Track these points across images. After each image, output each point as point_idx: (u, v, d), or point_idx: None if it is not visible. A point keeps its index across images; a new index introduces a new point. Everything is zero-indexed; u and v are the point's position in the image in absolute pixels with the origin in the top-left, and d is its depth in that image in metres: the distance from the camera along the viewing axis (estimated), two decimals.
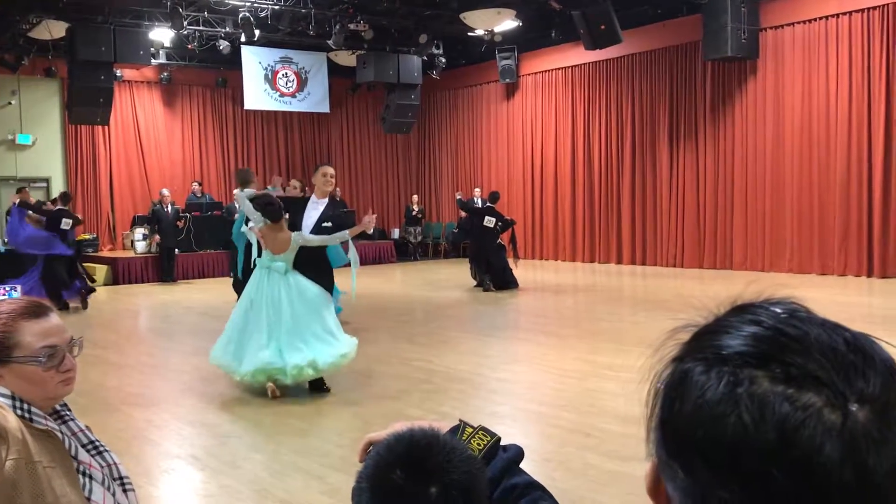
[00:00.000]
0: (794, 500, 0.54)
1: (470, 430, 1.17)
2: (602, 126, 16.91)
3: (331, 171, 6.97)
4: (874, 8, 12.58)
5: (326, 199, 6.89)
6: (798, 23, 13.53)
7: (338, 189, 19.15)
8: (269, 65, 17.85)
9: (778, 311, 0.61)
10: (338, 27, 14.76)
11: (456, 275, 14.73)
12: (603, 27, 13.15)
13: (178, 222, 15.10)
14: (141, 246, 15.79)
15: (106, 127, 16.70)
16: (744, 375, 0.57)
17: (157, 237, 15.02)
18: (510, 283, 12.58)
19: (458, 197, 14.37)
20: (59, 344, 1.66)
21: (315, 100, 18.69)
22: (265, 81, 17.87)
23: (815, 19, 13.33)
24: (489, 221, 12.63)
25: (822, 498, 0.54)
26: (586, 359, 7.41)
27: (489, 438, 1.16)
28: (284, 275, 6.30)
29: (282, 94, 18.15)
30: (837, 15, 13.04)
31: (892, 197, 12.52)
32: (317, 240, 6.45)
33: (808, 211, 13.41)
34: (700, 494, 0.58)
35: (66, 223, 11.84)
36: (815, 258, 13.33)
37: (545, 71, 17.99)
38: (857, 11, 12.78)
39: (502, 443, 1.17)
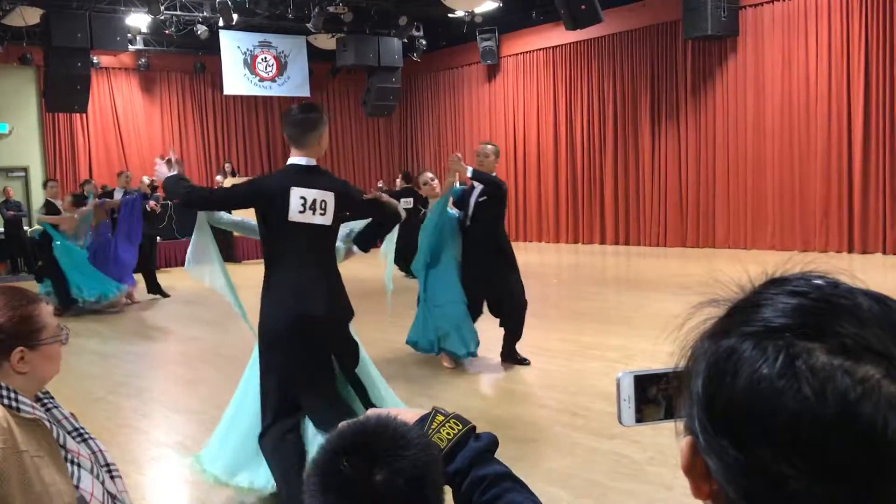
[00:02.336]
0: (857, 473, 0.53)
1: (441, 418, 1.14)
2: (584, 106, 16.91)
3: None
4: None
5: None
6: (777, 0, 13.56)
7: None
8: (247, 49, 17.69)
9: (820, 282, 0.61)
10: (317, 10, 14.64)
11: None
12: (583, 7, 13.11)
13: (149, 204, 14.89)
14: None
15: (84, 115, 16.52)
16: (799, 348, 0.56)
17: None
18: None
19: (380, 185, 14.59)
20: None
21: (295, 84, 18.56)
22: (244, 66, 17.71)
23: None
24: (406, 203, 12.53)
25: (884, 470, 0.53)
26: (571, 339, 7.45)
27: (460, 427, 1.13)
28: None
29: (261, 79, 18.00)
30: None
31: (872, 173, 12.62)
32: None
33: (790, 188, 13.49)
34: (756, 470, 0.56)
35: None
36: (797, 235, 13.43)
37: (526, 52, 17.94)
38: None
39: (490, 434, 1.16)
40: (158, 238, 15.03)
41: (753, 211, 14.04)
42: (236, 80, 17.69)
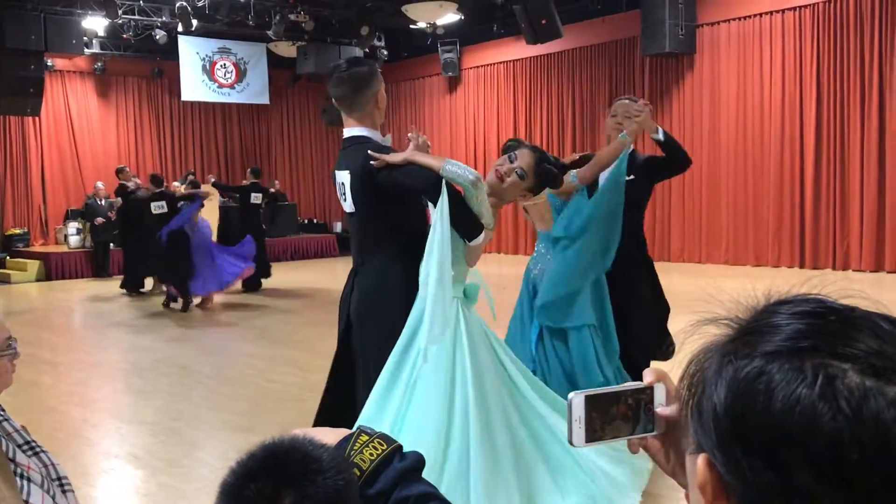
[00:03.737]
0: (883, 491, 0.55)
1: (365, 438, 1.11)
2: (543, 120, 17.06)
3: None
4: (805, 6, 12.94)
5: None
6: (733, 20, 13.84)
7: (276, 181, 18.93)
8: (206, 55, 17.51)
9: (833, 305, 0.62)
10: (278, 18, 14.56)
11: None
12: (544, 22, 13.24)
13: (110, 213, 14.65)
14: (74, 240, 15.36)
15: (37, 118, 16.18)
16: (835, 369, 0.57)
17: (105, 219, 14.65)
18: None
19: (213, 180, 14.51)
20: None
21: (254, 91, 18.42)
22: (203, 72, 17.53)
23: (749, 16, 13.65)
24: (256, 198, 12.59)
25: None
26: None
27: (384, 447, 1.10)
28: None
29: (220, 86, 17.83)
30: (771, 12, 13.37)
31: (823, 190, 12.91)
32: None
33: (743, 203, 13.74)
34: (793, 491, 0.57)
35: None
36: (750, 249, 13.67)
37: (487, 64, 18.05)
38: (789, 10, 13.13)
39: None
40: (112, 245, 14.81)
41: (708, 226, 14.27)
42: (195, 87, 17.49)
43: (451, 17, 15.14)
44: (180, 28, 14.76)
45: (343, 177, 3.07)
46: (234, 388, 6.50)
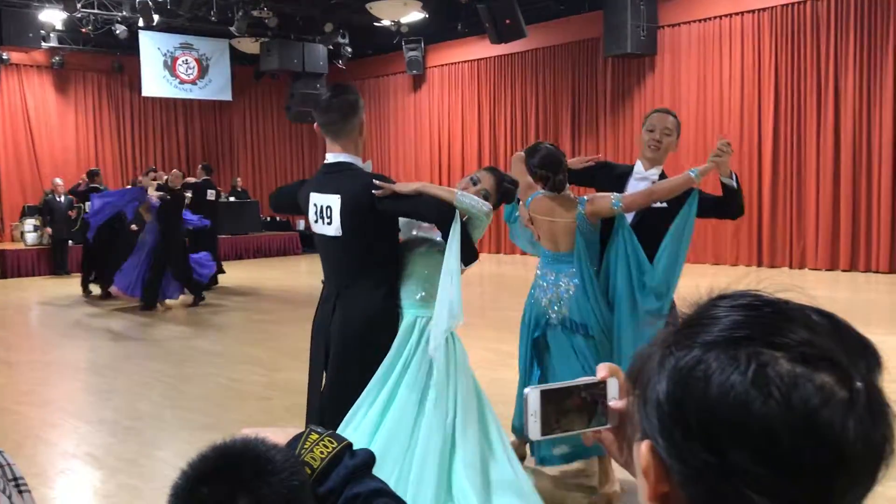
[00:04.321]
0: (821, 470, 0.59)
1: (315, 436, 1.11)
2: (507, 119, 17.14)
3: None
4: (764, 9, 13.17)
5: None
6: (694, 21, 14.04)
7: (238, 179, 18.77)
8: (168, 51, 17.30)
9: (771, 297, 0.66)
10: (240, 13, 14.43)
11: None
12: (508, 21, 13.31)
13: (71, 212, 14.44)
14: (31, 238, 15.08)
15: None
16: (767, 357, 0.60)
17: (49, 229, 14.37)
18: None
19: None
20: None
21: (217, 87, 18.24)
22: (164, 68, 17.32)
23: (709, 18, 13.85)
24: (210, 195, 12.44)
25: (841, 467, 0.59)
26: (493, 348, 7.51)
27: (335, 445, 1.10)
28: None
29: (182, 81, 17.63)
30: (730, 15, 13.59)
31: (780, 191, 13.16)
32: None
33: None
34: (727, 474, 0.60)
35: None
36: (709, 248, 13.88)
37: (452, 63, 18.08)
38: (748, 12, 13.35)
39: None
40: (70, 242, 14.56)
41: None
42: (156, 82, 17.27)
43: (415, 15, 15.14)
44: (141, 23, 14.56)
45: (329, 200, 3.08)
46: (195, 387, 6.44)
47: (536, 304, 3.90)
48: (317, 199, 3.14)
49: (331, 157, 3.15)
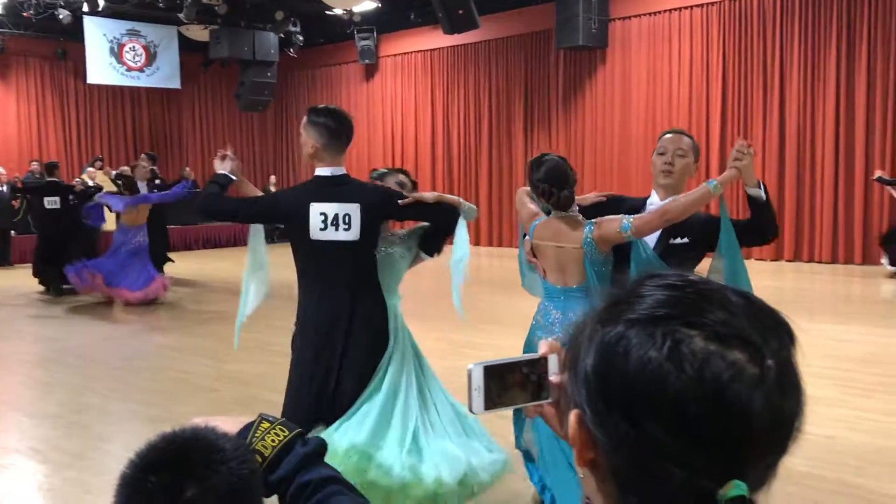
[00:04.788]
0: (729, 441, 0.63)
1: (266, 425, 1.11)
2: (461, 110, 17.15)
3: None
4: (712, 4, 13.39)
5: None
6: (644, 15, 14.20)
7: (187, 168, 18.49)
8: (114, 37, 16.92)
9: (693, 279, 0.69)
10: (189, 0, 14.17)
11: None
12: (461, 12, 13.29)
13: (14, 202, 14.06)
14: None
15: None
16: (682, 335, 0.64)
17: None
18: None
19: (114, 173, 12.77)
20: None
21: (165, 75, 17.91)
22: (110, 55, 16.94)
23: (659, 12, 14.04)
24: (52, 202, 10.99)
25: (749, 439, 0.63)
26: (447, 338, 7.54)
27: (286, 433, 1.10)
28: None
29: (129, 69, 17.27)
30: (679, 9, 13.78)
31: None
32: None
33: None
34: (642, 442, 0.64)
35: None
36: None
37: (405, 53, 18.01)
38: (696, 6, 13.56)
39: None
40: (13, 232, 14.19)
41: None
42: (101, 69, 16.89)
43: (367, 4, 15.05)
44: (86, 8, 14.22)
45: (347, 208, 3.33)
46: (144, 379, 6.34)
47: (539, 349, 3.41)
48: (327, 209, 3.34)
49: (329, 171, 3.40)
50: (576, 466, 0.72)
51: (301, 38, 17.50)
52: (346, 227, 3.34)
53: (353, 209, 3.34)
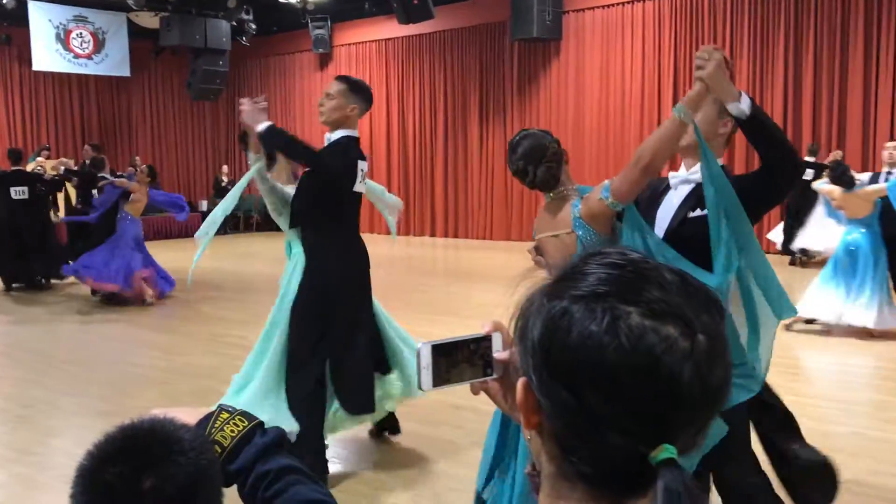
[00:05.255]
0: (660, 408, 0.68)
1: (226, 415, 1.11)
2: (416, 100, 17.12)
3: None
4: None
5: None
6: (598, 7, 14.33)
7: (138, 158, 18.15)
8: (60, 23, 16.52)
9: (634, 256, 0.74)
10: None
11: (269, 248, 14.46)
12: (416, 2, 13.26)
13: None
14: None
15: None
16: (620, 311, 0.69)
17: None
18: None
19: (63, 168, 11.34)
20: None
21: (114, 62, 17.54)
22: (57, 41, 16.53)
23: (612, 5, 14.17)
24: (20, 192, 10.22)
25: (678, 406, 0.69)
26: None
27: (245, 424, 1.11)
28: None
29: (76, 56, 16.88)
30: (632, 2, 13.93)
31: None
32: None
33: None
34: (581, 408, 0.69)
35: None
36: None
37: (359, 42, 17.91)
38: (649, 0, 13.73)
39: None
40: None
41: None
42: (47, 56, 16.47)
43: None
44: None
45: (364, 165, 4.09)
46: (93, 373, 6.24)
47: None
48: (362, 165, 4.10)
49: (356, 133, 4.15)
50: (523, 430, 0.77)
51: (254, 26, 17.27)
52: (362, 181, 4.08)
53: (365, 166, 4.10)
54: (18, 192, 10.20)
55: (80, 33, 16.83)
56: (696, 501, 0.66)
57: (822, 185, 7.33)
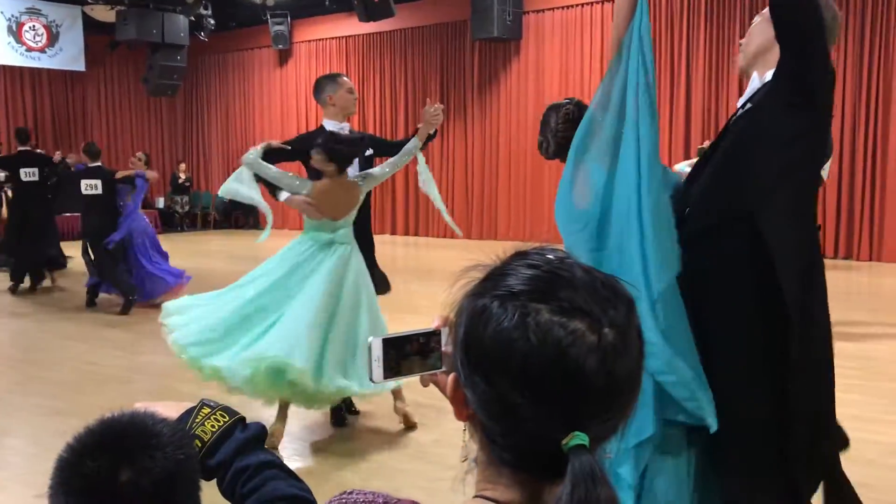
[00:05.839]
0: (566, 397, 0.74)
1: (207, 410, 1.12)
2: (377, 98, 17.10)
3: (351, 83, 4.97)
4: None
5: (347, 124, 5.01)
6: (557, 8, 14.46)
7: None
8: (12, 15, 16.17)
9: (550, 257, 0.79)
10: None
11: (227, 245, 14.34)
12: (377, 0, 13.24)
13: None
14: None
15: None
16: (530, 308, 0.75)
17: None
18: None
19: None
20: None
21: (68, 56, 17.21)
22: (8, 34, 16.17)
23: (571, 6, 14.32)
24: (29, 174, 9.61)
25: (586, 395, 0.74)
26: None
27: (227, 419, 1.11)
28: (350, 255, 4.47)
29: (29, 49, 16.53)
30: (591, 3, 14.09)
31: None
32: (387, 169, 4.94)
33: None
34: (497, 399, 0.76)
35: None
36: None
37: (319, 39, 17.83)
38: (608, 1, 13.89)
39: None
40: None
41: (532, 205, 14.91)
42: None
43: None
44: None
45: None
46: (49, 372, 6.14)
47: None
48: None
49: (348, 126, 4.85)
50: (458, 420, 0.83)
51: (212, 21, 17.08)
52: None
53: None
54: (28, 174, 9.51)
55: (33, 26, 16.49)
56: (602, 486, 0.71)
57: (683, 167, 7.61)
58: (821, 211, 11.84)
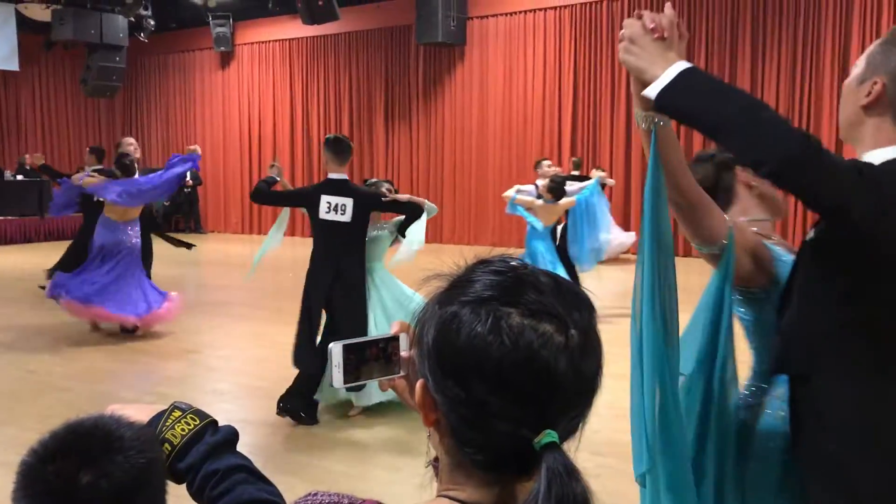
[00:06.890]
0: (537, 396, 0.78)
1: (178, 413, 1.11)
2: (321, 101, 17.02)
3: None
4: (564, 6, 13.95)
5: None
6: (501, 14, 14.61)
7: (26, 156, 17.38)
8: None
9: (514, 263, 0.84)
10: None
11: (169, 249, 14.08)
12: (321, 3, 13.19)
13: None
14: None
15: None
16: (501, 313, 0.78)
17: None
18: None
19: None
20: None
21: (1, 55, 16.72)
22: None
23: (515, 13, 14.48)
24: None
25: (556, 394, 0.78)
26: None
27: (197, 422, 1.11)
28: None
29: None
30: (534, 10, 14.28)
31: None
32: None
33: (508, 188, 14.60)
34: (472, 402, 0.78)
35: None
36: (514, 232, 14.54)
37: (263, 41, 17.68)
38: (550, 9, 14.09)
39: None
40: None
41: (476, 209, 15.02)
42: None
43: None
44: None
45: (344, 200, 4.96)
46: None
47: None
48: (330, 199, 4.99)
49: (336, 176, 5.11)
50: (425, 427, 0.85)
51: (152, 22, 16.78)
52: (342, 211, 4.96)
53: (349, 202, 4.96)
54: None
55: None
56: (577, 481, 0.75)
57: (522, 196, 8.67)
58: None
